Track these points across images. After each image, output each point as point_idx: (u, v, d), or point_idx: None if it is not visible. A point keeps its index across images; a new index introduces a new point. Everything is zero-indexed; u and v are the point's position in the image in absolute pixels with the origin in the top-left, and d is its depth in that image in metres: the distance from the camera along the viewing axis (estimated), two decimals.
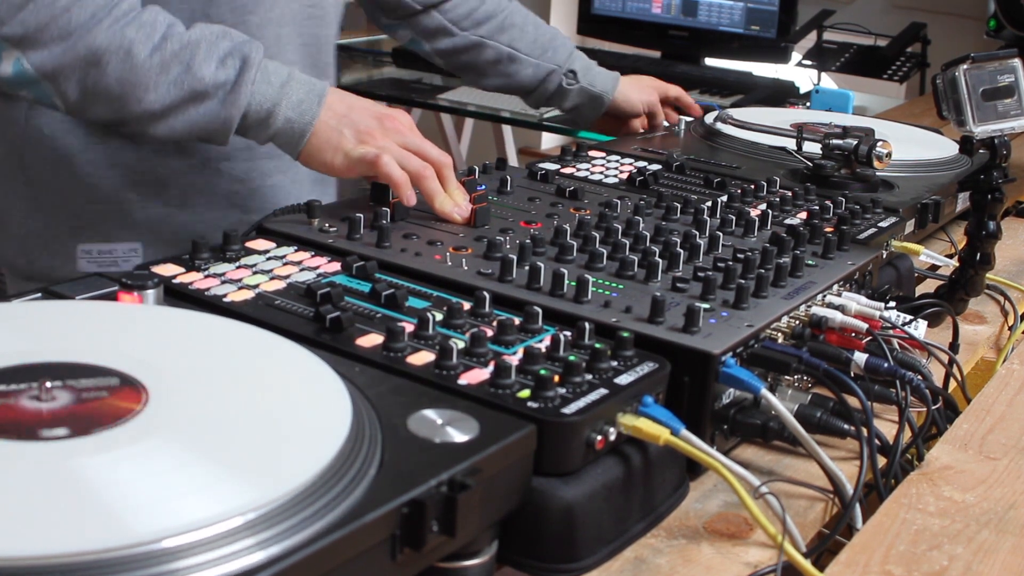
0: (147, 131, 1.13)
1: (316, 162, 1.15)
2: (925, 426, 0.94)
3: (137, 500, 0.58)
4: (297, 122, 1.13)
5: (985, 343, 1.24)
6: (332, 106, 1.15)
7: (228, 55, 1.11)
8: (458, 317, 0.86)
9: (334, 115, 1.15)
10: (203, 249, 0.97)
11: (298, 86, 1.14)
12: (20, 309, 0.81)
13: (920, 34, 3.06)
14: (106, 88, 1.09)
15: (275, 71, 1.14)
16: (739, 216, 1.17)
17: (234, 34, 1.14)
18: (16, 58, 1.07)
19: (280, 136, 1.15)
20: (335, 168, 1.15)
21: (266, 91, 1.12)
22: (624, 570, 0.76)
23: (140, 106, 1.10)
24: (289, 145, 1.15)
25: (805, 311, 0.98)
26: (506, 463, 0.70)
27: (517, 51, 1.61)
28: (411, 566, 0.65)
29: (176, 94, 1.10)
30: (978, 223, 1.22)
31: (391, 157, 1.11)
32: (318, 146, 1.14)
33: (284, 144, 1.15)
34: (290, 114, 1.13)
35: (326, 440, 0.65)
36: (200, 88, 1.10)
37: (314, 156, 1.15)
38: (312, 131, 1.14)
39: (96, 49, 1.07)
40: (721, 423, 0.88)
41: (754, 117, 1.68)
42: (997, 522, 0.81)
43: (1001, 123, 1.19)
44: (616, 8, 3.38)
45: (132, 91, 1.09)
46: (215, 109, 1.11)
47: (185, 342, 0.77)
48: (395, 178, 1.10)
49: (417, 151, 1.14)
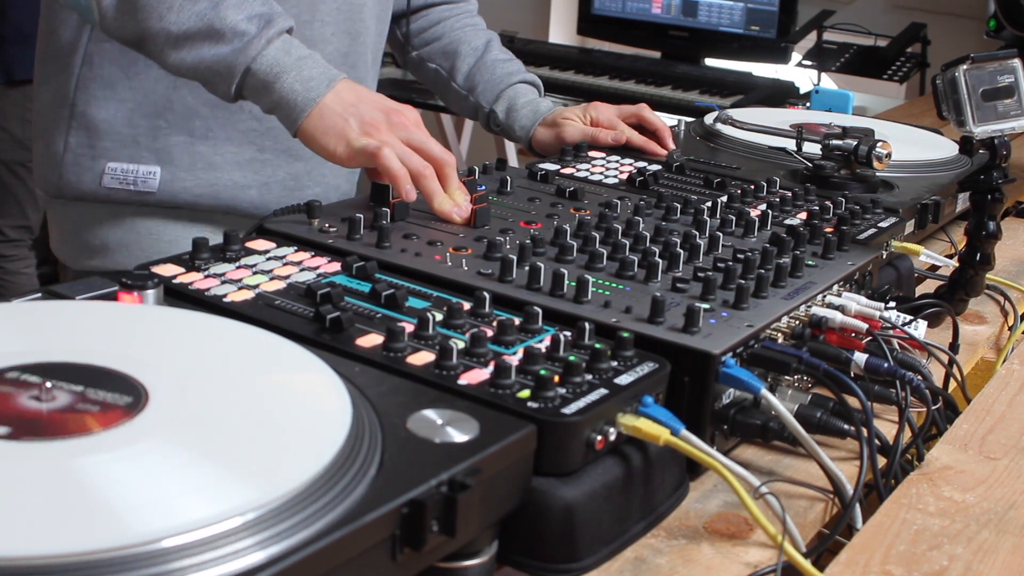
0: (159, 56, 1.17)
1: (317, 145, 1.16)
2: (925, 426, 0.94)
3: (137, 500, 0.58)
4: (300, 95, 1.15)
5: (985, 343, 1.24)
6: (341, 93, 1.16)
7: (258, 15, 1.15)
8: (458, 317, 0.86)
9: (341, 102, 1.15)
10: (203, 249, 0.97)
11: (314, 65, 1.17)
12: (20, 309, 0.81)
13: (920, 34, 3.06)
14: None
15: (298, 47, 1.17)
16: (739, 216, 1.17)
17: (274, 3, 1.18)
18: None
19: (281, 106, 1.16)
20: (336, 155, 1.15)
21: (280, 58, 1.15)
22: (624, 570, 0.76)
23: (160, 23, 1.14)
24: (288, 119, 1.17)
25: (805, 311, 0.98)
26: (506, 463, 0.70)
27: (452, 80, 1.61)
28: (411, 566, 0.65)
29: (195, 24, 1.14)
30: (978, 223, 1.22)
31: (392, 151, 1.11)
32: (321, 128, 1.15)
33: (284, 116, 1.17)
34: (296, 86, 1.15)
35: (326, 440, 0.65)
36: (219, 27, 1.14)
37: (316, 138, 1.16)
38: (314, 109, 1.15)
39: None
40: (721, 423, 0.88)
41: (754, 117, 1.68)
42: (997, 522, 0.81)
43: (1001, 123, 1.19)
44: (616, 8, 3.38)
45: (157, 5, 1.14)
46: (225, 54, 1.14)
47: (185, 342, 0.77)
48: (394, 171, 1.10)
49: (420, 148, 1.14)
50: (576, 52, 3.53)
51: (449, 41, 1.61)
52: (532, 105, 1.58)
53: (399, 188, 1.11)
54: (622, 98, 3.13)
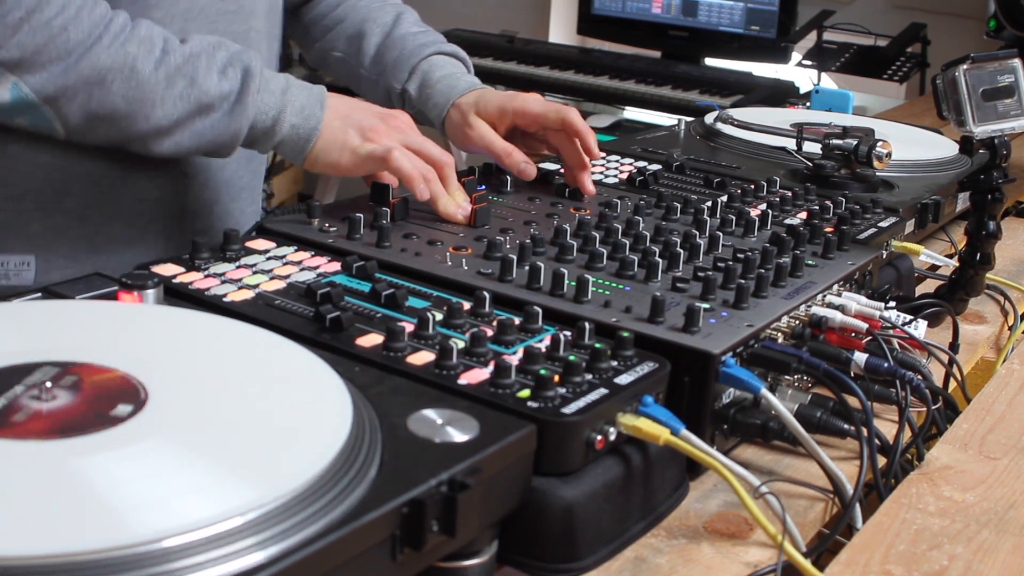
0: (152, 149, 1.10)
1: (322, 164, 1.14)
2: (925, 426, 0.94)
3: (137, 500, 0.58)
4: (302, 127, 1.12)
5: (985, 343, 1.24)
6: (335, 108, 1.14)
7: (228, 65, 1.10)
8: (458, 317, 0.86)
9: (337, 116, 1.14)
10: (203, 249, 0.97)
11: (298, 91, 1.13)
12: (20, 309, 0.81)
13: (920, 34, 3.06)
14: (112, 108, 1.06)
15: (273, 78, 1.13)
16: (739, 216, 1.17)
17: (227, 43, 1.12)
18: (13, 83, 1.03)
19: (286, 143, 1.13)
20: (342, 167, 1.14)
21: (269, 100, 1.11)
22: (624, 570, 0.76)
23: (148, 123, 1.07)
24: (295, 151, 1.14)
25: (805, 311, 0.98)
26: (506, 463, 0.70)
27: (360, 66, 1.41)
28: (411, 566, 0.65)
29: (184, 108, 1.08)
30: (978, 223, 1.22)
31: (401, 153, 1.11)
32: (324, 148, 1.13)
33: (290, 151, 1.14)
34: (295, 120, 1.12)
35: (326, 440, 0.65)
36: (206, 101, 1.08)
37: (320, 158, 1.14)
38: (318, 135, 1.13)
39: (99, 68, 1.04)
40: (721, 423, 0.88)
41: (754, 117, 1.68)
42: (997, 522, 0.81)
43: (1001, 123, 1.19)
44: (616, 8, 3.38)
45: (140, 108, 1.07)
46: (223, 121, 1.09)
47: (185, 342, 0.77)
48: (406, 172, 1.10)
49: (419, 150, 1.14)
50: (576, 52, 3.53)
51: (352, 23, 1.42)
52: (449, 80, 1.34)
53: (413, 188, 1.10)
54: (622, 98, 3.14)
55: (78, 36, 1.04)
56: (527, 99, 1.28)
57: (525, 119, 1.28)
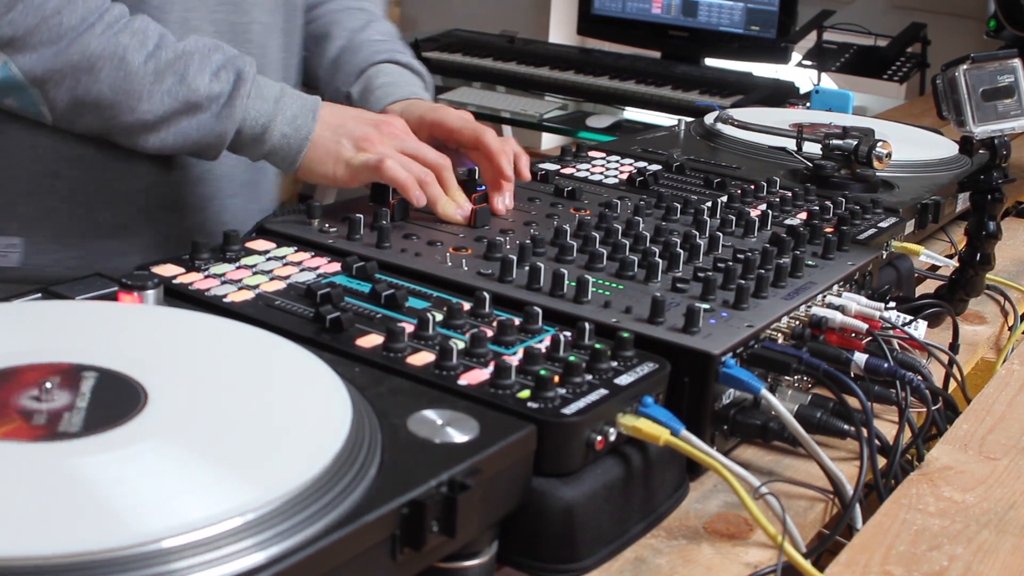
0: (136, 143, 1.10)
1: (316, 175, 1.13)
2: (925, 426, 0.94)
3: (137, 500, 0.58)
4: (293, 137, 1.12)
5: (985, 343, 1.24)
6: (326, 119, 1.13)
7: (221, 68, 1.10)
8: (458, 317, 0.86)
9: (329, 127, 1.13)
10: (203, 249, 0.97)
11: (291, 101, 1.13)
12: (20, 309, 0.81)
13: (920, 34, 3.07)
14: (98, 95, 1.07)
15: (267, 86, 1.12)
16: (739, 216, 1.17)
17: (225, 48, 1.12)
18: (3, 63, 1.04)
19: (276, 153, 1.13)
20: (337, 179, 1.13)
21: (260, 107, 1.11)
22: (624, 570, 0.76)
23: (133, 115, 1.08)
24: (285, 161, 1.13)
25: (805, 311, 0.98)
26: (506, 463, 0.70)
27: (318, 67, 1.40)
28: (411, 566, 0.65)
29: (170, 104, 1.08)
30: (978, 223, 1.22)
31: (394, 161, 1.10)
32: (317, 159, 1.12)
33: (280, 160, 1.13)
34: (286, 130, 1.11)
35: (326, 440, 0.65)
36: (194, 99, 1.08)
37: (313, 169, 1.13)
38: (309, 145, 1.12)
39: (89, 55, 1.05)
40: (721, 423, 0.88)
41: (754, 117, 1.68)
42: (997, 522, 0.81)
43: (1001, 123, 1.19)
44: (616, 8, 3.39)
45: (125, 99, 1.07)
46: (209, 122, 1.09)
47: (185, 342, 0.77)
48: (400, 180, 1.09)
49: (415, 155, 1.13)
50: (576, 52, 3.53)
51: (320, 25, 1.42)
52: (388, 88, 1.32)
53: (408, 195, 1.09)
54: (622, 98, 3.14)
55: (71, 21, 1.05)
56: (447, 113, 1.23)
57: (441, 132, 1.23)
